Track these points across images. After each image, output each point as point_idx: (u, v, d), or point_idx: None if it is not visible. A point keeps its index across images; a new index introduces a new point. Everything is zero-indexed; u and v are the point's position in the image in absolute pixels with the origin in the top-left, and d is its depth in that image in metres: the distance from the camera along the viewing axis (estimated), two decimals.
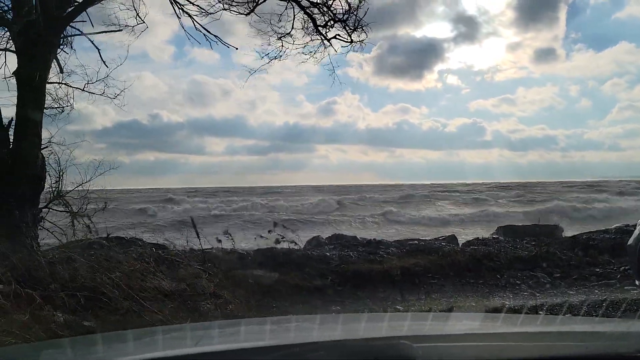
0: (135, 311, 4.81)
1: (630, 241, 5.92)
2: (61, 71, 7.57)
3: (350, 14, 7.76)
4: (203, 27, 7.78)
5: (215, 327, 2.41)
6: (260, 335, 2.07)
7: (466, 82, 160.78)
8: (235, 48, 8.32)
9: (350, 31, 7.90)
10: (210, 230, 11.00)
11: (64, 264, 5.37)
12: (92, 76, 7.73)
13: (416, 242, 9.73)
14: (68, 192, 7.76)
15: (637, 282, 5.80)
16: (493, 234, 11.47)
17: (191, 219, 7.51)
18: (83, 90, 7.79)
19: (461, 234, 15.29)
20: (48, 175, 7.25)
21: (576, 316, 5.11)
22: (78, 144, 7.88)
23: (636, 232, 5.80)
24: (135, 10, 7.39)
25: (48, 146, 7.37)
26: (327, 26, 7.90)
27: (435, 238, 10.85)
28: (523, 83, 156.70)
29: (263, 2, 7.66)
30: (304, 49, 8.15)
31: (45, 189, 7.23)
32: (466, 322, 2.54)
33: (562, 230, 11.94)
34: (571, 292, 7.00)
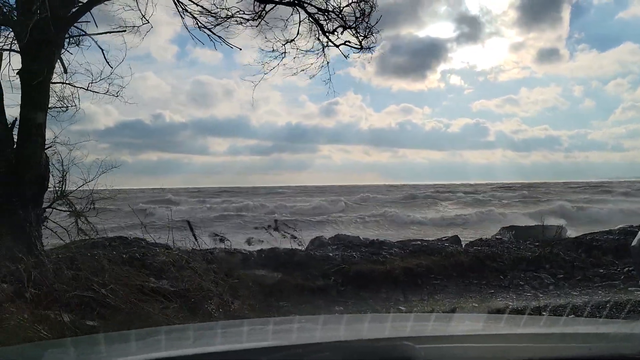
0: (138, 311, 4.81)
1: (634, 242, 5.86)
2: (65, 71, 7.59)
3: (361, 21, 7.79)
4: (206, 27, 7.79)
5: (218, 328, 2.41)
6: (263, 335, 2.07)
7: (469, 83, 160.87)
8: (239, 49, 8.30)
9: (361, 38, 7.94)
10: (212, 230, 11.01)
11: (68, 264, 5.39)
12: (96, 75, 7.73)
13: (419, 243, 9.73)
14: (71, 192, 7.77)
15: None
16: (496, 235, 11.46)
17: (188, 223, 7.44)
18: (87, 89, 7.79)
19: (464, 235, 15.29)
20: (51, 175, 7.27)
21: (580, 317, 5.10)
22: (82, 144, 7.87)
23: None
24: (140, 11, 7.39)
25: (52, 146, 7.39)
26: (336, 32, 7.94)
27: (438, 239, 10.84)
28: (526, 83, 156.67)
29: (271, 10, 7.69)
30: (306, 55, 8.17)
31: (48, 189, 7.24)
32: (469, 323, 2.54)
33: (566, 231, 11.93)
34: (575, 293, 6.98)
